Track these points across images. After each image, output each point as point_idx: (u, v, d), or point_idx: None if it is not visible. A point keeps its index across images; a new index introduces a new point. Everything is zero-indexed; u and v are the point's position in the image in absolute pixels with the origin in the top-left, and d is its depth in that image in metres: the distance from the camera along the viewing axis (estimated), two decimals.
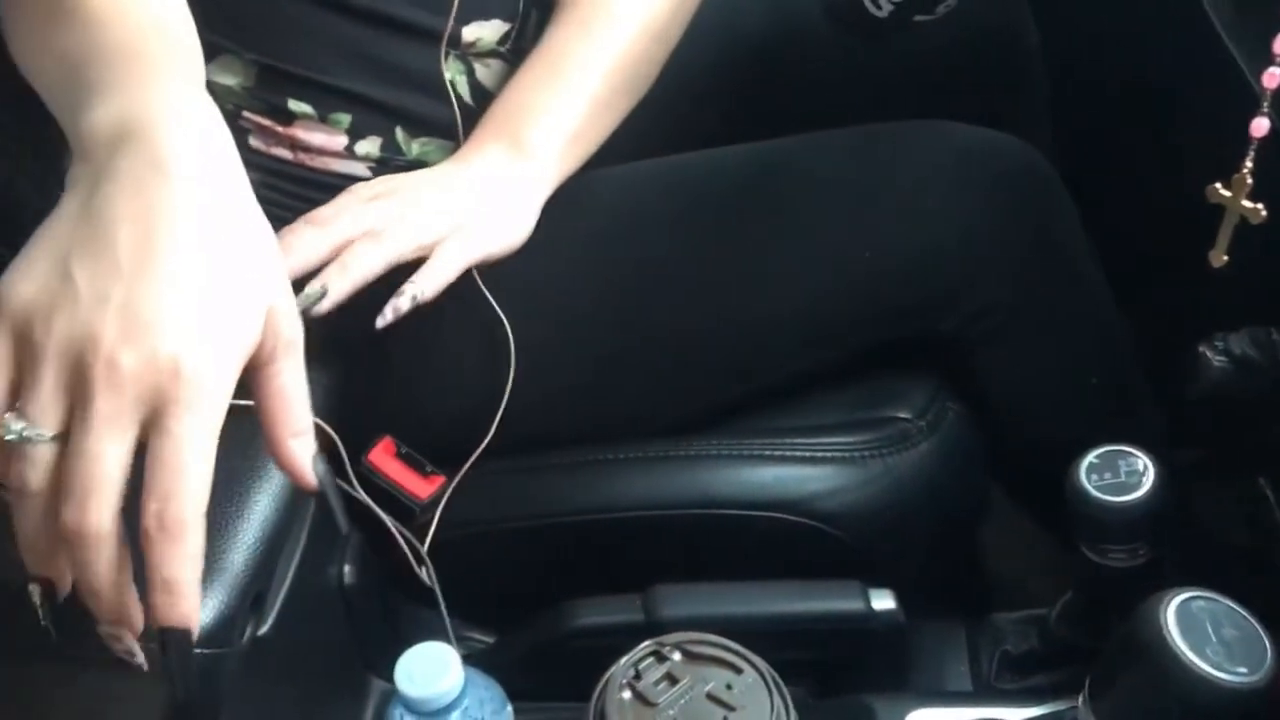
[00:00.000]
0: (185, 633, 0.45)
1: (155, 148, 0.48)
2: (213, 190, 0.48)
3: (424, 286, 0.69)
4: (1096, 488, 0.59)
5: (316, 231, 0.69)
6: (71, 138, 0.52)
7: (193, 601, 0.45)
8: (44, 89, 0.58)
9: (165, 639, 0.45)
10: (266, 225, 0.50)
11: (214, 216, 0.47)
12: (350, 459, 0.67)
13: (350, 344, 0.71)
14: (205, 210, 0.47)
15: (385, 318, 0.68)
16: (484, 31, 0.78)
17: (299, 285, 0.66)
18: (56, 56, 0.56)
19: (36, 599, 0.46)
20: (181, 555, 0.44)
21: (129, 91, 0.50)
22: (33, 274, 0.46)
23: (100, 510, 0.44)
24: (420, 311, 0.69)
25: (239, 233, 0.48)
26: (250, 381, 0.48)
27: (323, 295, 0.66)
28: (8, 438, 0.44)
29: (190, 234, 0.46)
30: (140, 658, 0.47)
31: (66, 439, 0.44)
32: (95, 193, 0.47)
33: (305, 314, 0.64)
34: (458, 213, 0.71)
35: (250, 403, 0.51)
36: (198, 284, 0.46)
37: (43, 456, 0.44)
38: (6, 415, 0.44)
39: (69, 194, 0.49)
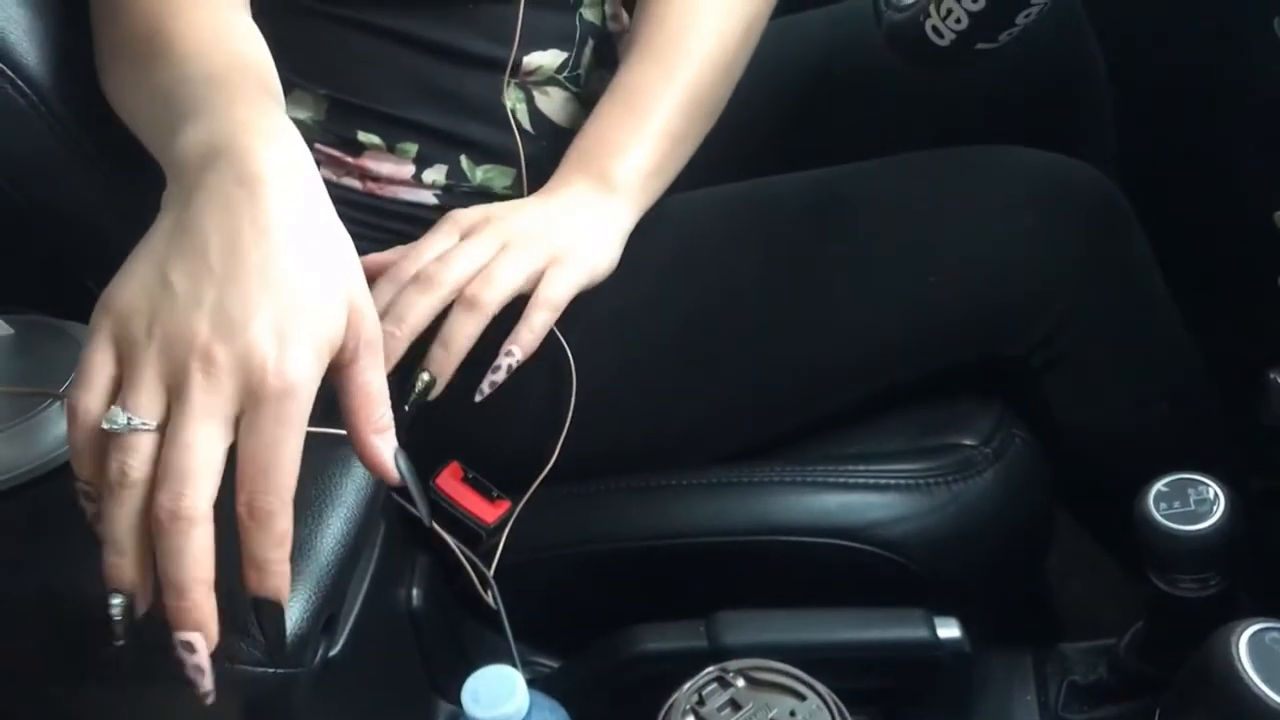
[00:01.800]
0: (276, 603, 0.48)
1: (241, 164, 0.51)
2: (294, 201, 0.51)
3: (519, 354, 0.70)
4: (1165, 516, 0.58)
5: (423, 296, 0.70)
6: (164, 161, 0.55)
7: (282, 577, 0.48)
8: (138, 125, 0.62)
9: (257, 606, 0.48)
10: (345, 234, 0.53)
11: (297, 225, 0.50)
12: (415, 507, 0.68)
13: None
14: (288, 220, 0.50)
15: (483, 392, 0.70)
16: (542, 60, 0.79)
17: (403, 374, 0.68)
18: (149, 93, 0.60)
19: (117, 612, 0.48)
20: (271, 539, 0.47)
21: (216, 115, 0.54)
22: (133, 280, 0.49)
23: (196, 494, 0.46)
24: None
25: (320, 240, 0.51)
26: (334, 380, 0.51)
27: (433, 382, 0.69)
28: (114, 427, 0.47)
29: (275, 241, 0.49)
30: (209, 681, 0.48)
31: (163, 433, 0.47)
32: (188, 207, 0.51)
33: (420, 403, 0.67)
34: (551, 247, 0.72)
35: (325, 429, 0.52)
36: (284, 286, 0.49)
37: (144, 446, 0.47)
38: (112, 408, 0.47)
39: (164, 212, 0.52)
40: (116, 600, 0.48)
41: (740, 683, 0.54)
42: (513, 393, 0.73)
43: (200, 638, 0.47)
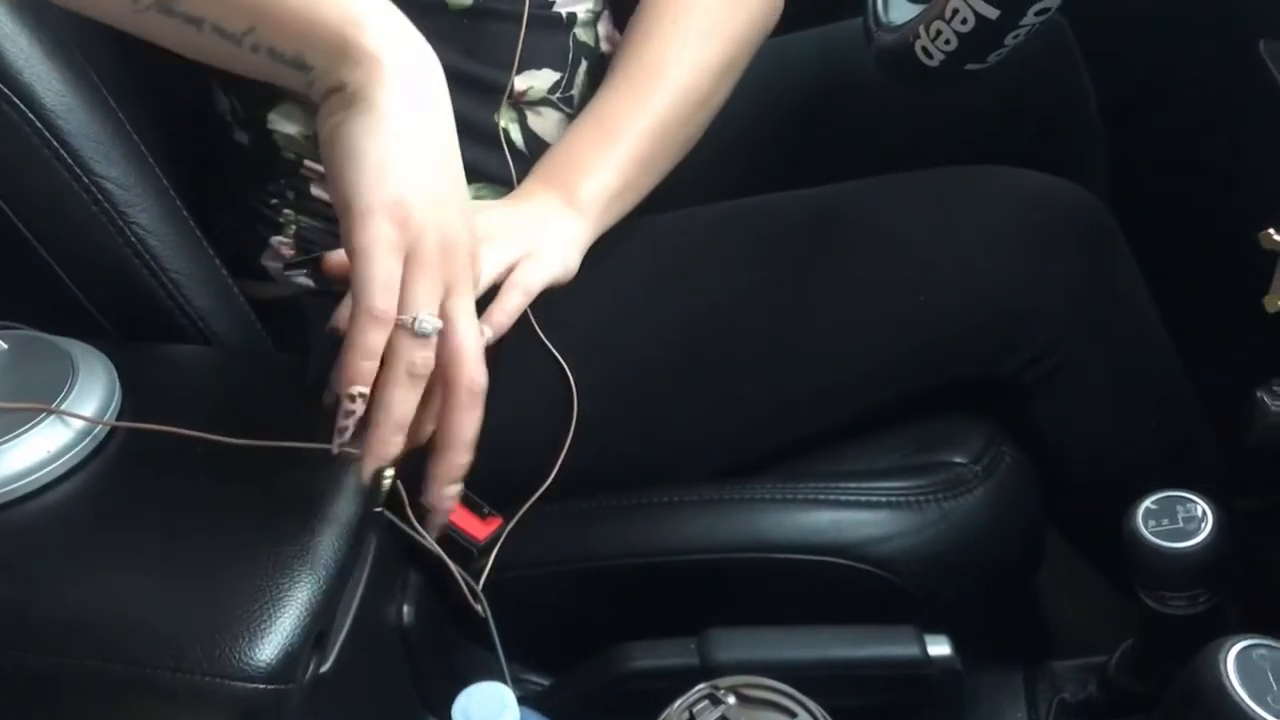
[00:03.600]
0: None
1: (432, 81, 0.59)
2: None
3: (490, 334, 0.71)
4: (1154, 534, 0.58)
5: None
6: (333, 37, 0.58)
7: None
8: None
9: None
10: None
11: None
12: (410, 500, 0.68)
13: None
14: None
15: None
16: (535, 81, 0.80)
17: None
18: None
19: (388, 482, 0.59)
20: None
21: (391, 14, 0.59)
22: (405, 183, 0.56)
23: (483, 369, 0.60)
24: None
25: None
26: None
27: None
28: (426, 330, 0.56)
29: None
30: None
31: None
32: (425, 109, 0.58)
33: None
34: (524, 243, 0.74)
35: (311, 445, 0.53)
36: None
37: (435, 341, 0.57)
38: (422, 314, 0.56)
39: (388, 101, 0.57)
40: (390, 473, 0.58)
41: (731, 700, 0.54)
42: (504, 410, 0.73)
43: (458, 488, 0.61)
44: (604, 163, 0.77)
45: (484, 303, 0.72)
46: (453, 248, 0.57)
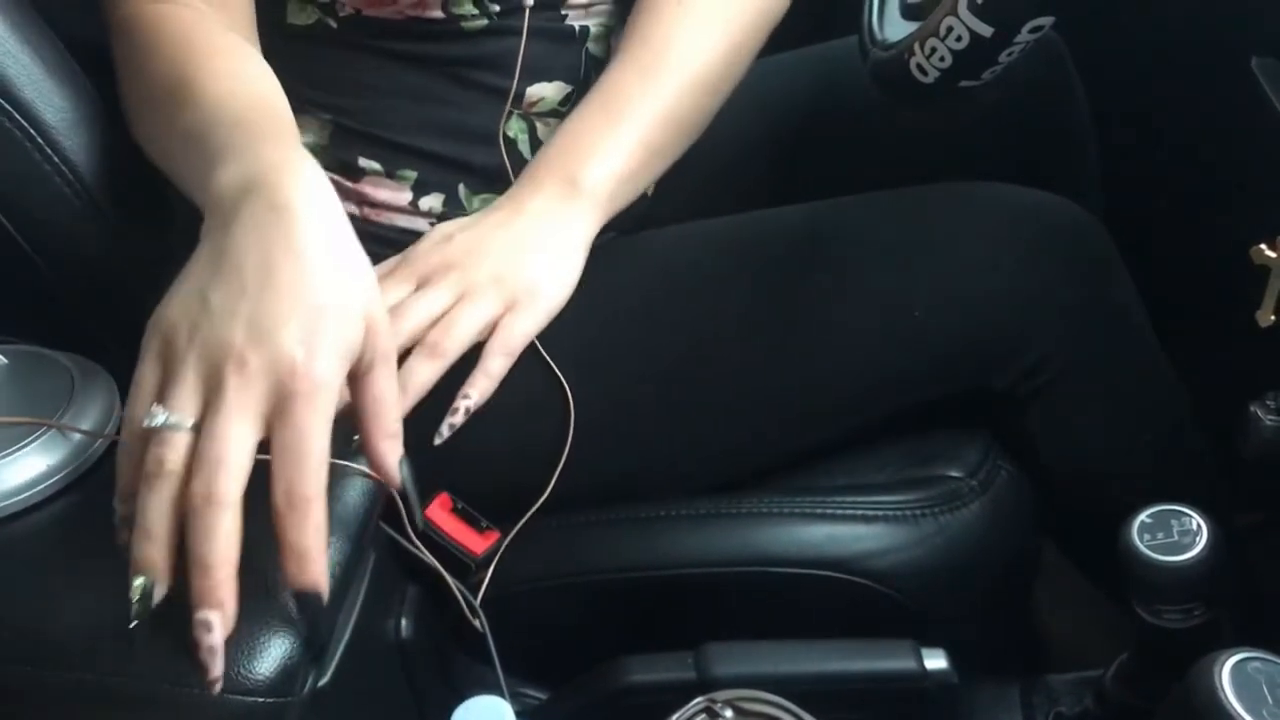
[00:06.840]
0: (316, 595, 0.52)
1: (272, 195, 0.56)
2: (320, 226, 0.56)
3: (476, 399, 0.71)
4: (1149, 547, 0.59)
5: None
6: (199, 199, 0.61)
7: (320, 565, 0.51)
8: (170, 166, 0.68)
9: (299, 600, 0.52)
10: (364, 254, 0.58)
11: (322, 247, 0.55)
12: (407, 514, 0.68)
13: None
14: (315, 242, 0.55)
15: (442, 435, 0.70)
16: (546, 92, 0.80)
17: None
18: (180, 136, 0.65)
19: (137, 593, 0.50)
20: (309, 526, 0.51)
21: (245, 155, 0.59)
22: (176, 301, 0.55)
23: (229, 481, 0.50)
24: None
25: (342, 260, 0.56)
26: (351, 389, 0.56)
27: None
28: (152, 423, 0.52)
29: (304, 261, 0.54)
30: (219, 667, 0.50)
31: (199, 432, 0.51)
32: (225, 236, 0.56)
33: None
34: (509, 291, 0.72)
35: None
36: (311, 300, 0.53)
37: (180, 442, 0.51)
38: (152, 407, 0.52)
39: (202, 243, 0.57)
40: (138, 582, 0.51)
41: (728, 713, 0.54)
42: (502, 424, 0.73)
43: (218, 618, 0.50)
44: (611, 146, 0.76)
45: (471, 357, 0.71)
46: (209, 349, 0.52)
